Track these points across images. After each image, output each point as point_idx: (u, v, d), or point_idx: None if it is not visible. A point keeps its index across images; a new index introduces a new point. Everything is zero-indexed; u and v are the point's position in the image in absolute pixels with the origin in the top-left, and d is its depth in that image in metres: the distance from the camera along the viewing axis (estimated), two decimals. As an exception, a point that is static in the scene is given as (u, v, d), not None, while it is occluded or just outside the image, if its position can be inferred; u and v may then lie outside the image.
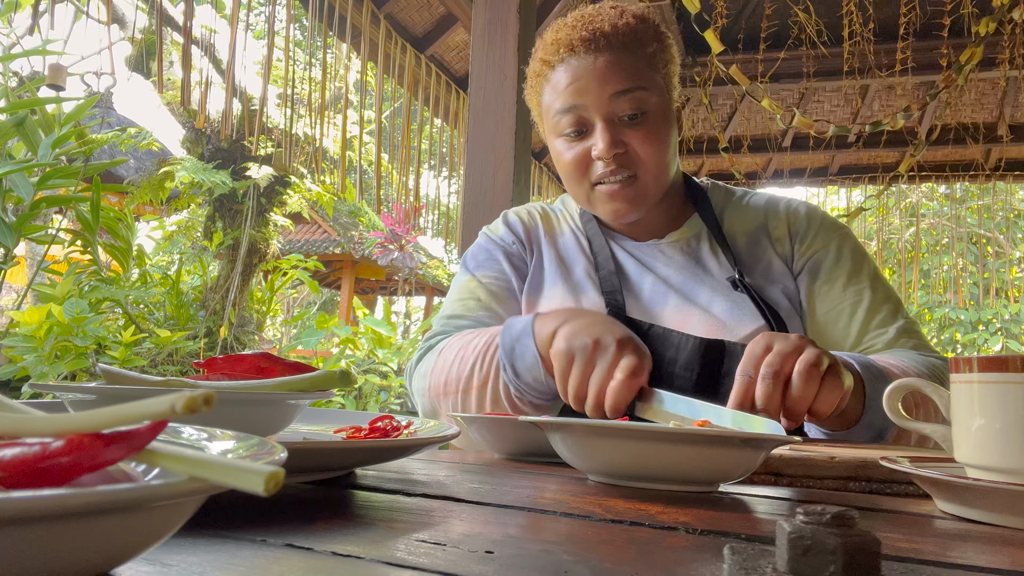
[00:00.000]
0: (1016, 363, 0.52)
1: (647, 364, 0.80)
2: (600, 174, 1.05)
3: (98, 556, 0.22)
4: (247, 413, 0.53)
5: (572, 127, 1.05)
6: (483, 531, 0.39)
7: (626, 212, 1.08)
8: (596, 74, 1.03)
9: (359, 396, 5.88)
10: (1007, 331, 12.04)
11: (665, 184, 1.09)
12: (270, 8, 3.97)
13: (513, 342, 0.92)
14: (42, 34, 4.57)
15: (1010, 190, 11.19)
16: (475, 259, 1.20)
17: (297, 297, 14.09)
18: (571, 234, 1.21)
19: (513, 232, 1.21)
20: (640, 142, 1.04)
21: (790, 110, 3.35)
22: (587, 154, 1.05)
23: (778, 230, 1.16)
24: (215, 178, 5.95)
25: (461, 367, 0.98)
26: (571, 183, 1.10)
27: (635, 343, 0.82)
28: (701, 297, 1.08)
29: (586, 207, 1.13)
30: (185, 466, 0.25)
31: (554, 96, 1.07)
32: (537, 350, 0.89)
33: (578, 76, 1.04)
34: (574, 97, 1.04)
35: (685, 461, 0.55)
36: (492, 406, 0.96)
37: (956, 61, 3.15)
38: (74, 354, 3.79)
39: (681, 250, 1.14)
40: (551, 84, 1.08)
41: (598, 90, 1.02)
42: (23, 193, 3.17)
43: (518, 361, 0.91)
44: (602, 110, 1.03)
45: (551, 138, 1.11)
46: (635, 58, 1.04)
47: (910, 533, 0.45)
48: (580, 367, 0.81)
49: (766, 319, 1.04)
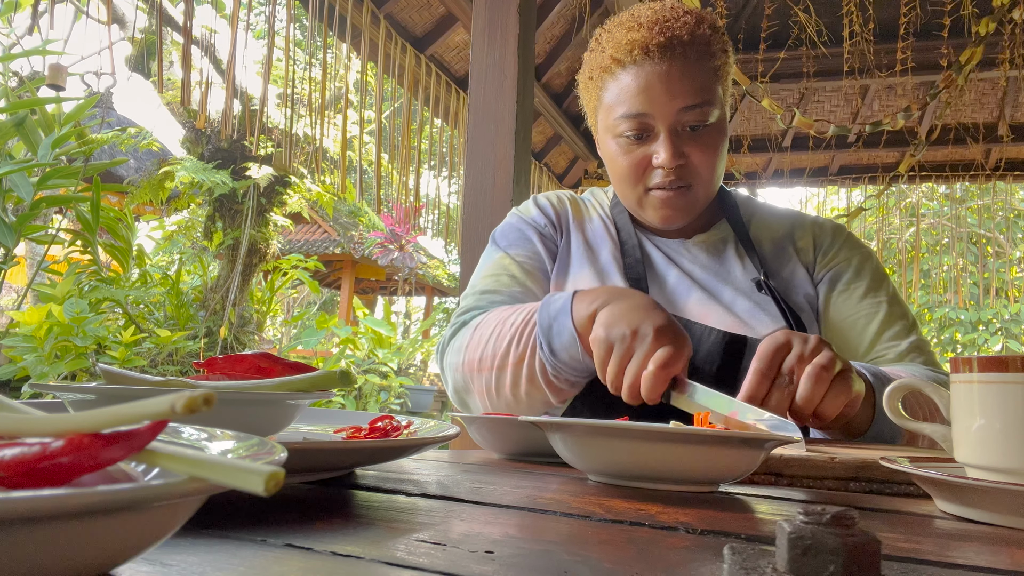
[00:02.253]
0: (1016, 363, 0.52)
1: (686, 353, 0.80)
2: (658, 183, 1.06)
3: (98, 556, 0.22)
4: (247, 413, 0.53)
5: (633, 131, 1.05)
6: (483, 531, 0.39)
7: (675, 219, 1.09)
8: (668, 85, 1.02)
9: (359, 396, 5.89)
10: (1007, 331, 12.04)
11: (713, 194, 1.11)
12: (270, 8, 3.97)
13: (551, 320, 0.91)
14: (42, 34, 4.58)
15: (1010, 190, 11.18)
16: (506, 238, 1.20)
17: (297, 297, 14.09)
18: (599, 222, 1.22)
19: (544, 214, 1.22)
20: (699, 155, 1.05)
21: (790, 110, 3.35)
22: (646, 160, 1.06)
23: (803, 240, 1.18)
24: (215, 178, 5.95)
25: (497, 344, 0.97)
26: (624, 185, 1.10)
27: (674, 331, 0.81)
28: (724, 295, 1.09)
29: (634, 209, 1.13)
30: (185, 466, 0.25)
31: (620, 98, 1.05)
32: (575, 329, 0.88)
33: (650, 84, 1.02)
34: (642, 104, 1.03)
35: (685, 461, 0.55)
36: (527, 384, 0.95)
37: (956, 61, 3.15)
38: (74, 354, 3.79)
39: (707, 251, 1.16)
40: (618, 84, 1.06)
41: (668, 102, 1.02)
42: (23, 193, 3.17)
43: (555, 339, 0.90)
44: (668, 121, 1.03)
45: (606, 136, 1.10)
46: (705, 72, 1.04)
47: (910, 533, 0.45)
48: (618, 357, 0.81)
49: (787, 321, 1.05)
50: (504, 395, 0.98)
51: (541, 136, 4.89)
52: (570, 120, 4.66)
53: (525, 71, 2.48)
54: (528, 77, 2.52)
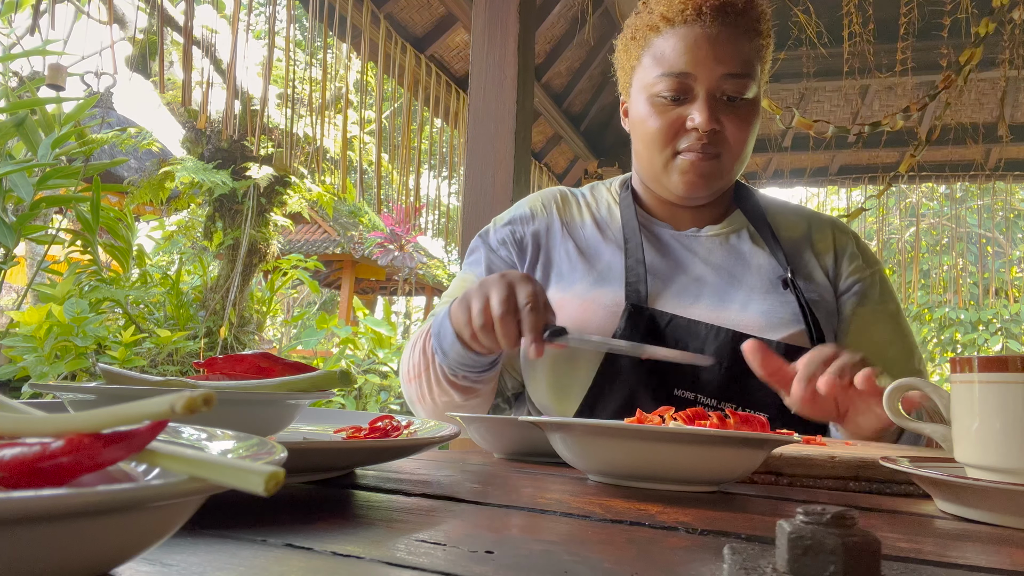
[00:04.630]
0: (1016, 363, 0.52)
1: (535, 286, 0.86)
2: (689, 146, 1.05)
3: (98, 556, 0.22)
4: (247, 413, 0.53)
5: (671, 91, 1.04)
6: (483, 531, 0.39)
7: (699, 187, 1.07)
8: (715, 49, 1.02)
9: (359, 396, 5.88)
10: (1007, 331, 12.03)
11: (738, 173, 1.11)
12: (270, 8, 3.97)
13: (439, 326, 0.97)
14: (42, 34, 4.57)
15: (1010, 190, 11.17)
16: (470, 256, 1.24)
17: (297, 297, 14.08)
18: (592, 224, 1.18)
19: (510, 232, 1.19)
20: (734, 126, 1.04)
21: (790, 110, 3.35)
22: (680, 122, 1.04)
23: (822, 243, 1.17)
24: (215, 178, 5.95)
25: (413, 354, 1.06)
26: (652, 149, 1.07)
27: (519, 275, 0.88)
28: (737, 297, 1.07)
29: (657, 176, 1.10)
30: (185, 466, 0.25)
31: (664, 56, 1.04)
32: (452, 329, 0.94)
33: (698, 44, 1.02)
34: (686, 64, 1.02)
35: (685, 461, 0.55)
36: (437, 388, 1.02)
37: (956, 61, 3.15)
38: (74, 354, 3.79)
39: (720, 244, 1.13)
40: (665, 42, 1.05)
41: (713, 65, 1.02)
42: (23, 193, 3.16)
43: (444, 341, 0.96)
44: (710, 84, 1.02)
45: (640, 96, 1.08)
46: (750, 44, 1.05)
47: (910, 533, 0.45)
48: (478, 303, 0.87)
49: (807, 323, 1.04)
50: (426, 401, 1.05)
51: (541, 136, 4.89)
52: (570, 120, 4.66)
53: (525, 71, 2.48)
54: (528, 77, 2.52)
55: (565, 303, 1.07)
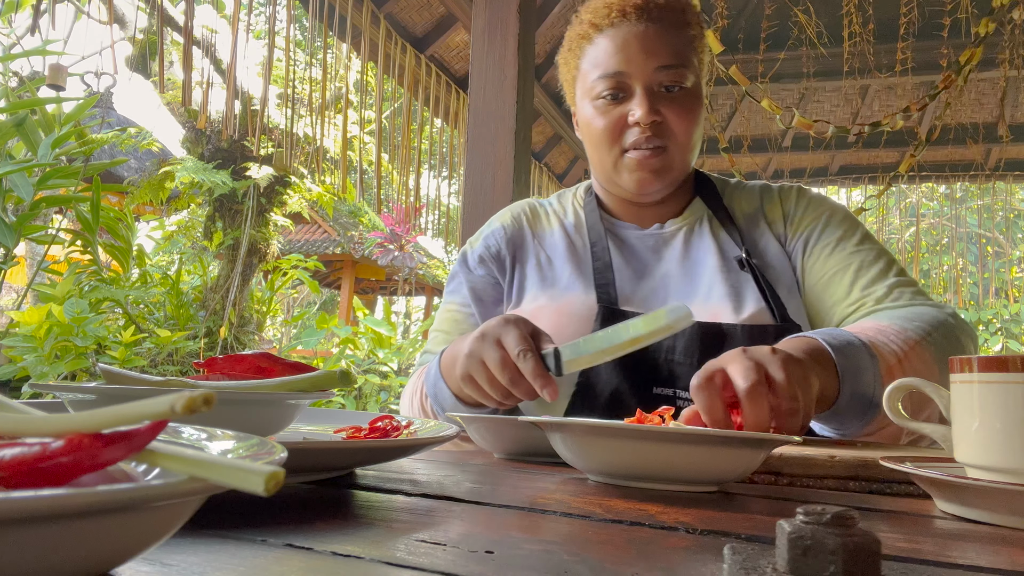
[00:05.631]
0: (1016, 363, 0.52)
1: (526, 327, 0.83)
2: (633, 141, 1.06)
3: (98, 556, 0.22)
4: (247, 413, 0.53)
5: (610, 90, 1.06)
6: (483, 531, 0.39)
7: (651, 182, 1.08)
8: (645, 44, 1.05)
9: (359, 396, 5.88)
10: (1007, 331, 12.03)
11: (689, 164, 1.11)
12: (270, 8, 3.97)
13: (434, 388, 0.97)
14: (42, 34, 4.57)
15: (1010, 190, 11.18)
16: (449, 283, 1.24)
17: (297, 297, 14.09)
18: (561, 231, 1.20)
19: (486, 248, 1.21)
20: (675, 116, 1.06)
21: (790, 110, 3.35)
22: (622, 119, 1.07)
23: (773, 212, 1.17)
24: (215, 178, 5.95)
25: (412, 408, 1.09)
26: (601, 148, 1.10)
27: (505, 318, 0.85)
28: (701, 287, 1.08)
29: (610, 176, 1.11)
30: (185, 466, 0.25)
31: (598, 59, 1.08)
32: (451, 392, 0.94)
33: (627, 43, 1.05)
34: (619, 63, 1.05)
35: (685, 461, 0.55)
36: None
37: (956, 61, 3.15)
38: (74, 354, 3.79)
39: (684, 238, 1.14)
40: (596, 47, 1.09)
41: (644, 60, 1.04)
42: (23, 193, 3.16)
43: (443, 403, 0.96)
44: (644, 79, 1.05)
45: (584, 101, 1.12)
46: (680, 38, 1.07)
47: (910, 533, 0.45)
48: (482, 373, 0.83)
49: (766, 300, 1.04)
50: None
51: (541, 136, 4.89)
52: (570, 120, 4.66)
53: (525, 71, 2.48)
54: (528, 77, 2.52)
55: (539, 313, 1.08)
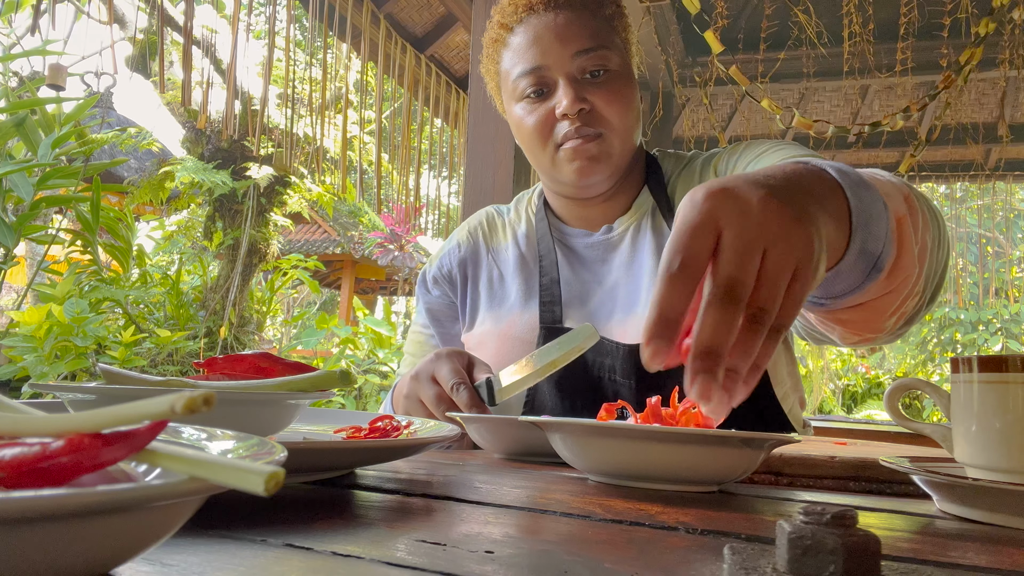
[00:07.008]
0: (1016, 363, 0.52)
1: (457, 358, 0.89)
2: (565, 134, 1.01)
3: (98, 556, 0.22)
4: (247, 413, 0.53)
5: (533, 87, 1.02)
6: (483, 531, 0.39)
7: (591, 171, 1.02)
8: (558, 32, 1.01)
9: (359, 396, 5.88)
10: (1007, 331, 12.02)
11: (631, 148, 1.05)
12: (270, 8, 3.97)
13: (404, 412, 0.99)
14: (42, 34, 4.57)
15: (1010, 190, 11.17)
16: (415, 304, 1.27)
17: (297, 297, 14.08)
18: (514, 244, 1.17)
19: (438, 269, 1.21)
20: (604, 101, 1.01)
21: (790, 110, 3.34)
22: (550, 115, 1.02)
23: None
24: (215, 178, 5.95)
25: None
26: (535, 148, 1.05)
27: (439, 353, 0.91)
28: (642, 295, 1.03)
29: (550, 173, 1.06)
30: (185, 466, 0.25)
31: (515, 59, 1.04)
32: None
33: (539, 35, 1.02)
34: (536, 58, 1.01)
35: (685, 461, 0.55)
36: None
37: (956, 61, 3.15)
38: (74, 354, 3.78)
39: (630, 240, 1.09)
40: (511, 48, 1.05)
41: (560, 49, 1.00)
42: (23, 193, 3.16)
43: None
44: (565, 68, 1.00)
45: (511, 104, 1.07)
46: (595, 19, 1.03)
47: (910, 533, 0.45)
48: (421, 413, 0.90)
49: None
50: None
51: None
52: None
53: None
54: (528, 77, 2.51)
55: (486, 338, 1.09)
